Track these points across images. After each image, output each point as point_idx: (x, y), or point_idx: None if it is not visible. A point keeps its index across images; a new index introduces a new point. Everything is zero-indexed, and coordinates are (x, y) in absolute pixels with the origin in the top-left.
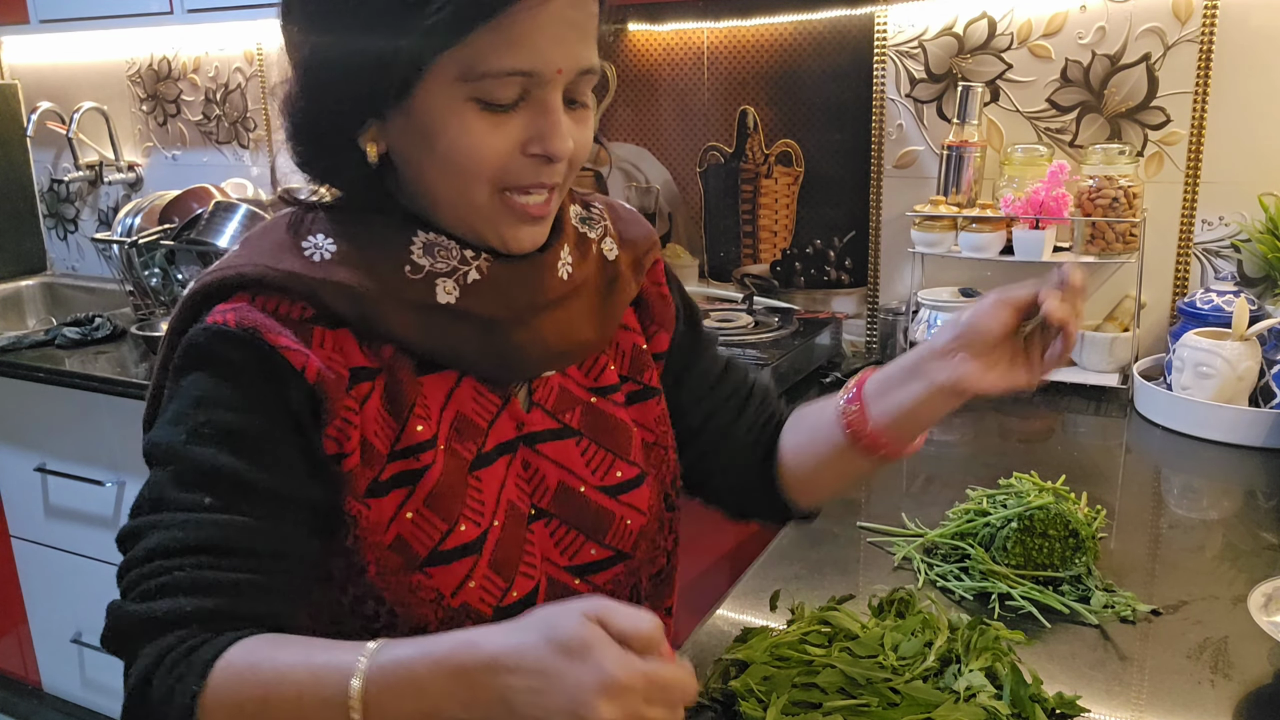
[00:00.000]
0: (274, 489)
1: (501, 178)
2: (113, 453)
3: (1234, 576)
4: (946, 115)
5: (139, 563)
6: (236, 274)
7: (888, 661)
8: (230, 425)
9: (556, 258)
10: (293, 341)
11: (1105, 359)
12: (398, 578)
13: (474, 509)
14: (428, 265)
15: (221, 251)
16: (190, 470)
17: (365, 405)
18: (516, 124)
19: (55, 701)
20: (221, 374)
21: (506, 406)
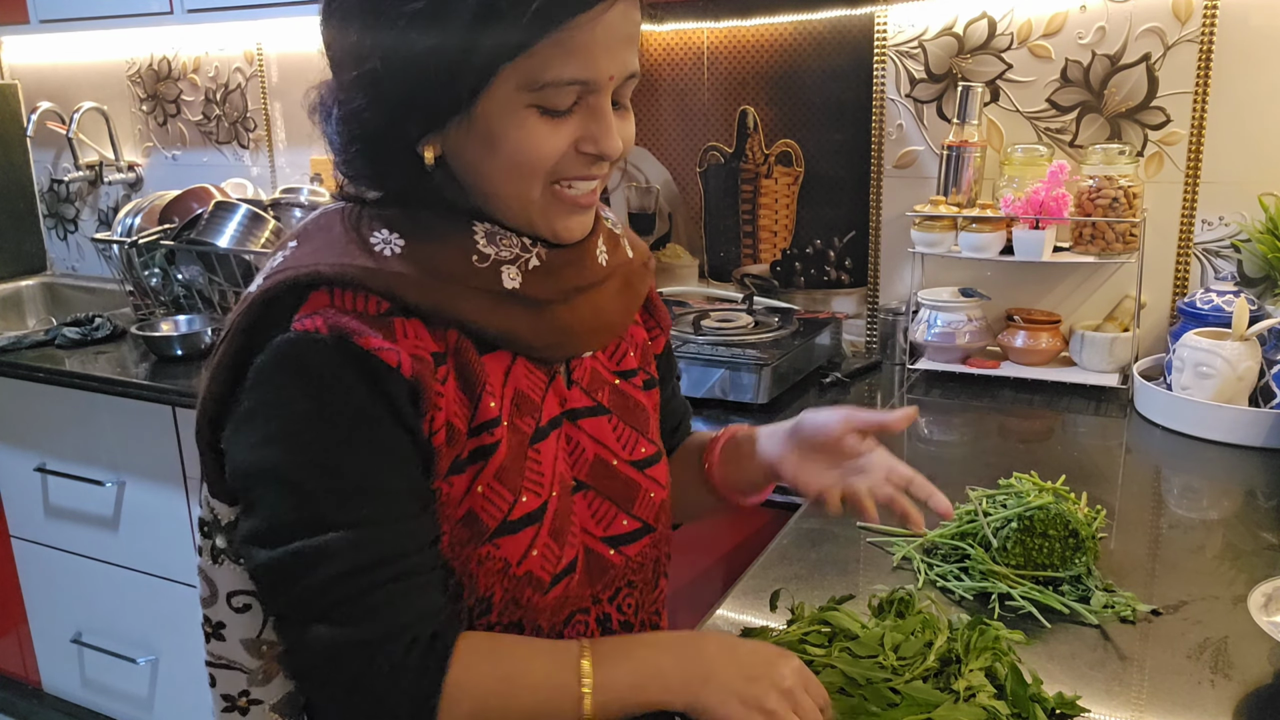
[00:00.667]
0: (407, 486)
1: (555, 173)
2: (113, 453)
3: (1234, 576)
4: (946, 115)
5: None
6: (313, 272)
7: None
8: (352, 436)
9: (595, 244)
10: (383, 341)
11: (1105, 359)
12: (466, 550)
13: (534, 480)
14: (493, 254)
15: (221, 252)
16: (326, 490)
17: (446, 386)
18: (572, 125)
19: (55, 701)
20: (323, 383)
21: (553, 384)
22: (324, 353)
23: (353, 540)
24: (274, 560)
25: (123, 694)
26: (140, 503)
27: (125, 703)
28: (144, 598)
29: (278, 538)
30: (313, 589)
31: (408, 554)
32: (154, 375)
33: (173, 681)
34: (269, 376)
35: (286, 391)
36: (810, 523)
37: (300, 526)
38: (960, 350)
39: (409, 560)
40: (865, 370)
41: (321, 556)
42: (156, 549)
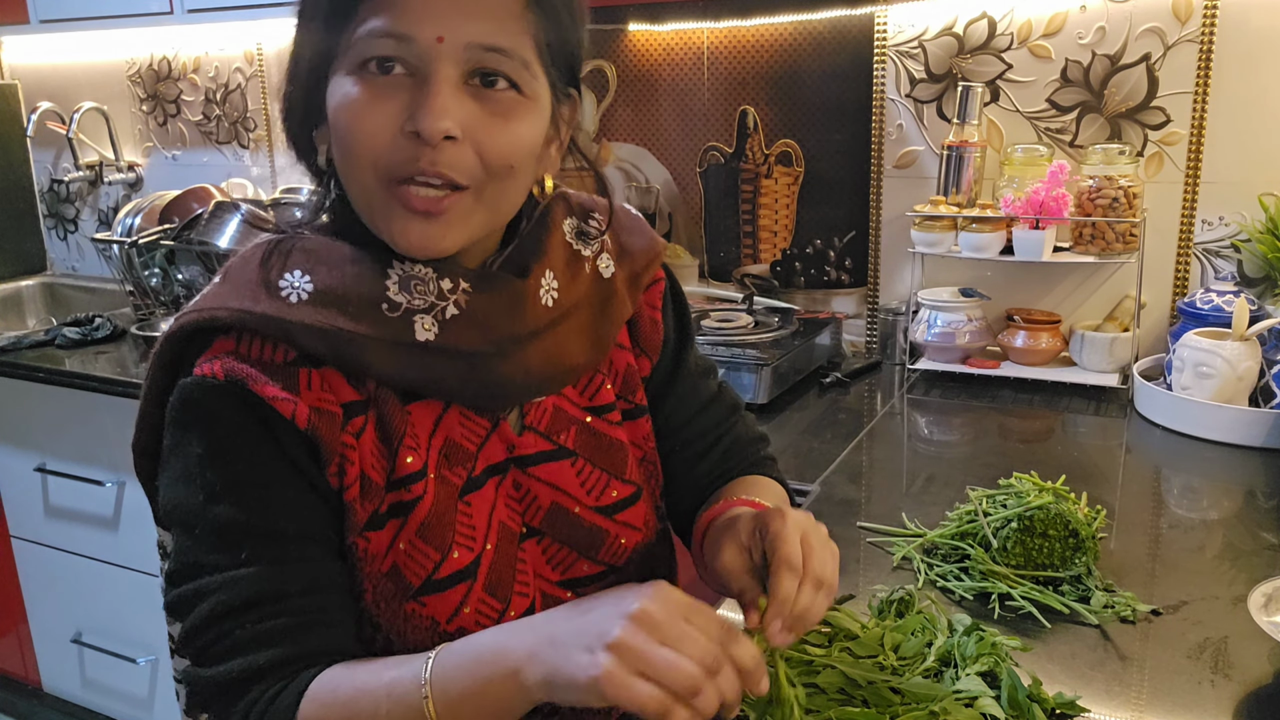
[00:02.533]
0: (296, 531)
1: (385, 163)
2: (113, 453)
3: (1234, 576)
4: (946, 115)
5: (200, 631)
6: (211, 318)
7: (888, 661)
8: (237, 479)
9: (539, 284)
10: (279, 390)
11: (1105, 359)
12: (391, 606)
13: (465, 534)
14: (404, 302)
15: (222, 252)
16: (215, 531)
17: (361, 439)
18: (399, 101)
19: (55, 701)
20: (217, 426)
21: (496, 430)
22: (219, 398)
23: (223, 582)
24: (169, 602)
25: (123, 694)
26: (140, 503)
27: (125, 703)
28: (144, 598)
29: (174, 579)
30: (189, 631)
31: (284, 596)
32: None
33: (172, 681)
34: (175, 418)
35: (186, 434)
36: None
37: (187, 569)
38: (960, 350)
39: (282, 604)
40: (865, 370)
41: (197, 599)
42: (156, 549)
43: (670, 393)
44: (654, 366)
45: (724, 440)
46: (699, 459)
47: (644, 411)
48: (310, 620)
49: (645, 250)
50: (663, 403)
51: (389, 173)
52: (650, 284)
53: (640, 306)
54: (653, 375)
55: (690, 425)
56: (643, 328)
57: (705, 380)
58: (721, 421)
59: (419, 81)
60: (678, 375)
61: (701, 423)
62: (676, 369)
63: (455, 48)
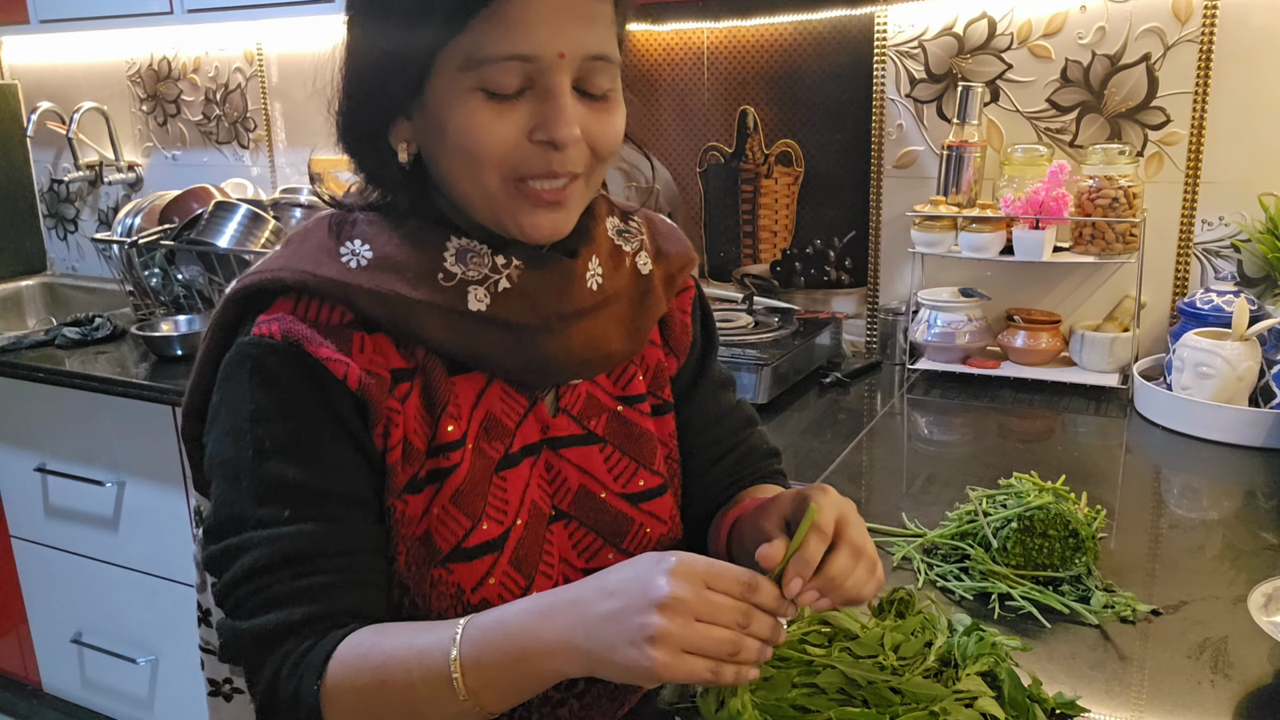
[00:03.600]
0: (341, 491)
1: (511, 166)
2: (113, 453)
3: (1234, 576)
4: (946, 115)
5: (240, 583)
6: (275, 279)
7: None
8: (289, 437)
9: (585, 268)
10: (333, 352)
11: (1105, 359)
12: (421, 570)
13: (498, 508)
14: (460, 273)
15: (222, 252)
16: (262, 486)
17: (406, 404)
18: (523, 111)
19: (55, 701)
20: (272, 386)
21: (533, 409)
22: (275, 356)
23: (265, 538)
24: (209, 555)
25: (123, 694)
26: (140, 503)
27: (125, 703)
28: (144, 598)
29: (216, 532)
30: (228, 583)
31: (324, 555)
32: (154, 375)
33: (173, 681)
34: (229, 374)
35: (239, 390)
36: None
37: (231, 523)
38: (960, 350)
39: (322, 561)
40: (865, 370)
41: (239, 553)
42: (156, 549)
43: (691, 398)
44: (680, 368)
45: (738, 449)
46: (712, 465)
47: (671, 408)
48: (347, 580)
49: (680, 255)
50: (683, 407)
51: (515, 173)
52: (681, 290)
53: (672, 309)
54: (678, 376)
55: (706, 432)
56: (674, 329)
57: (725, 391)
58: (737, 432)
59: (540, 93)
60: (700, 382)
61: (717, 431)
62: (700, 376)
63: (574, 60)
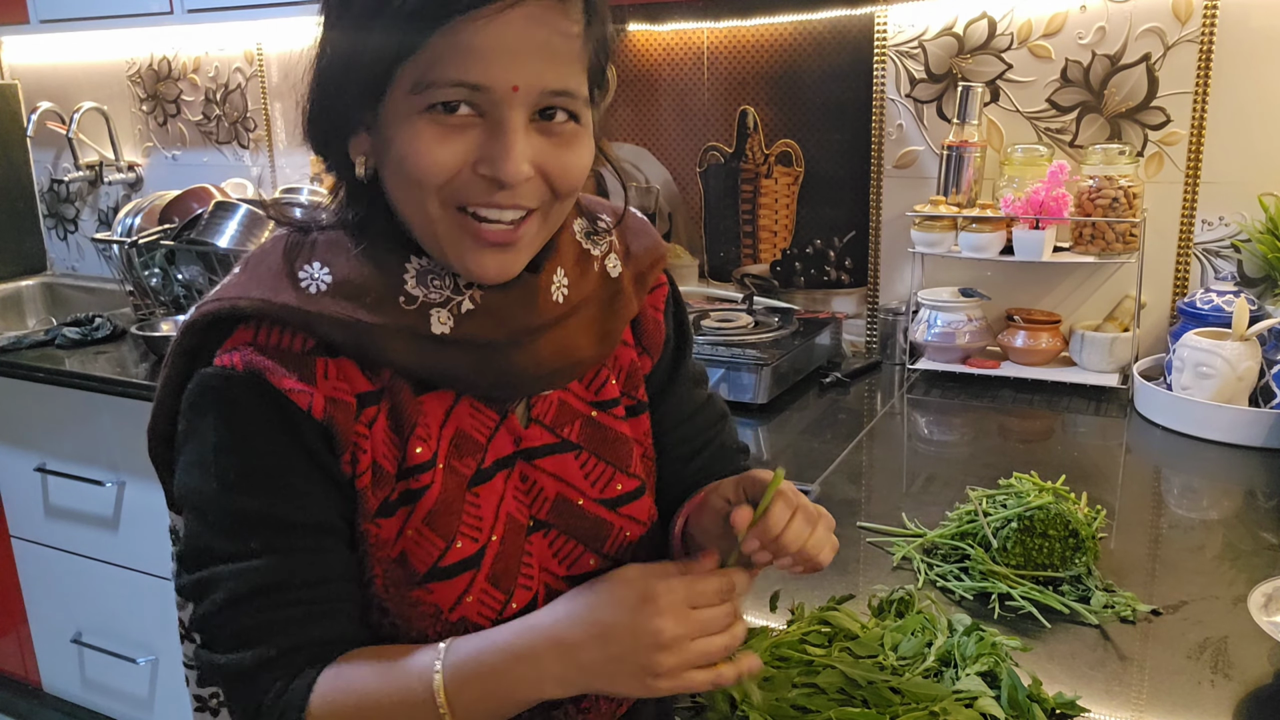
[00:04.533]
0: (308, 521)
1: (452, 193)
2: (113, 453)
3: (1234, 576)
4: (946, 115)
5: (211, 617)
6: (232, 307)
7: (888, 661)
8: (253, 469)
9: (550, 281)
10: (296, 382)
11: (1105, 359)
12: (400, 591)
13: (471, 525)
14: (421, 295)
15: (222, 252)
16: (228, 519)
17: (373, 428)
18: (470, 140)
19: (55, 701)
20: (236, 418)
21: (504, 423)
22: (237, 389)
23: (235, 571)
24: (182, 584)
25: (123, 694)
26: (140, 503)
27: (125, 703)
28: (144, 598)
29: (188, 562)
30: (200, 617)
31: (291, 586)
32: (154, 375)
33: (173, 681)
34: (193, 405)
35: (204, 422)
36: None
37: (200, 555)
38: (960, 350)
39: (294, 592)
40: (865, 370)
41: (210, 586)
42: (156, 549)
43: (665, 397)
44: (654, 366)
45: (710, 447)
46: (685, 463)
47: (645, 408)
48: (319, 610)
49: (650, 251)
50: (657, 405)
51: (456, 200)
52: (654, 287)
53: (644, 307)
54: (652, 374)
55: (678, 430)
56: (646, 327)
57: (698, 388)
58: (708, 428)
59: (491, 125)
60: (674, 380)
61: (689, 429)
62: (674, 373)
63: (529, 95)
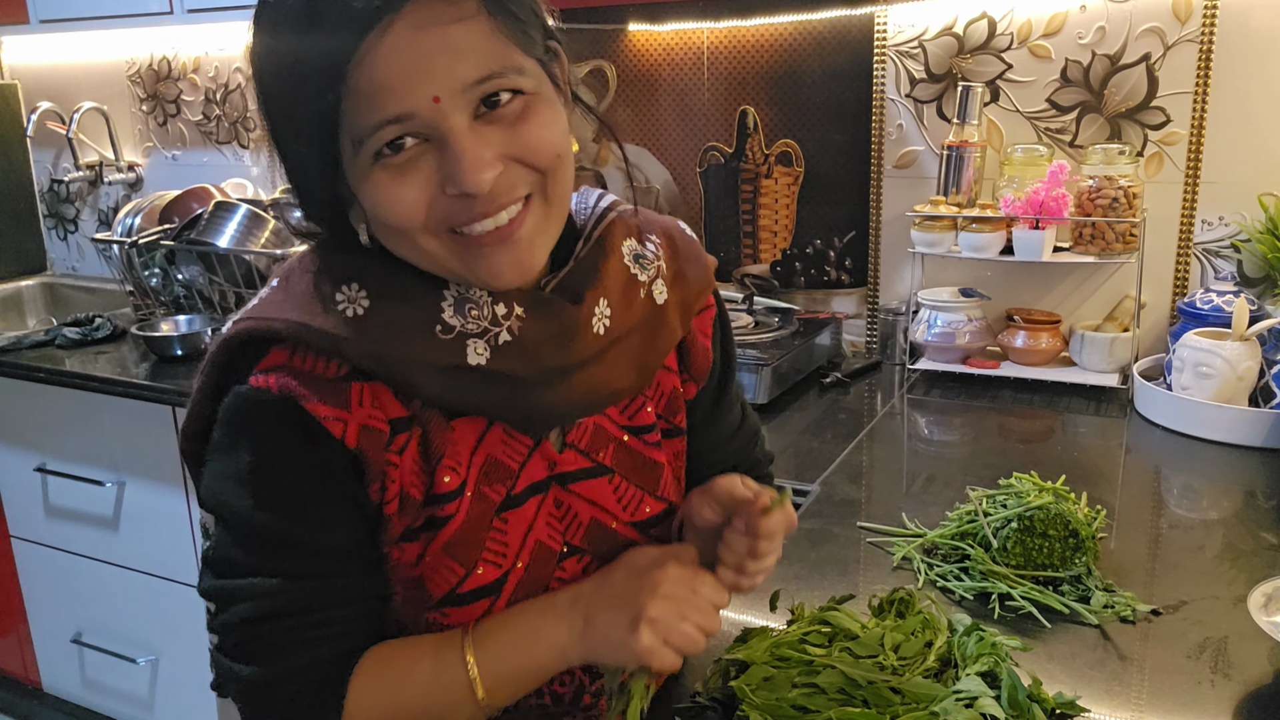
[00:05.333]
0: (333, 548)
1: (436, 221)
2: (113, 453)
3: (1234, 576)
4: (946, 115)
5: (235, 629)
6: (270, 329)
7: (888, 661)
8: (283, 493)
9: (591, 312)
10: (330, 409)
11: (1105, 359)
12: (416, 611)
13: (496, 551)
14: (459, 326)
15: (221, 252)
16: (256, 538)
17: (403, 456)
18: (426, 169)
19: (55, 701)
20: (268, 441)
21: (538, 448)
22: (271, 411)
23: (266, 589)
24: (208, 588)
25: (123, 694)
26: (140, 503)
27: (125, 703)
28: (144, 598)
29: (215, 568)
30: (226, 624)
31: (315, 609)
32: (154, 375)
33: (173, 681)
34: (227, 420)
35: (238, 440)
36: (810, 523)
37: (231, 564)
38: (960, 350)
39: (315, 615)
40: (865, 370)
41: (238, 597)
42: (156, 549)
43: (711, 421)
44: (699, 391)
45: (744, 464)
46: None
47: (683, 432)
48: (338, 631)
49: (699, 278)
50: (702, 430)
51: (445, 227)
52: (701, 309)
53: (693, 333)
54: (697, 400)
55: (718, 450)
56: (694, 354)
57: (739, 406)
58: (744, 448)
59: (437, 144)
60: (719, 404)
61: (728, 449)
62: (720, 399)
63: (453, 97)
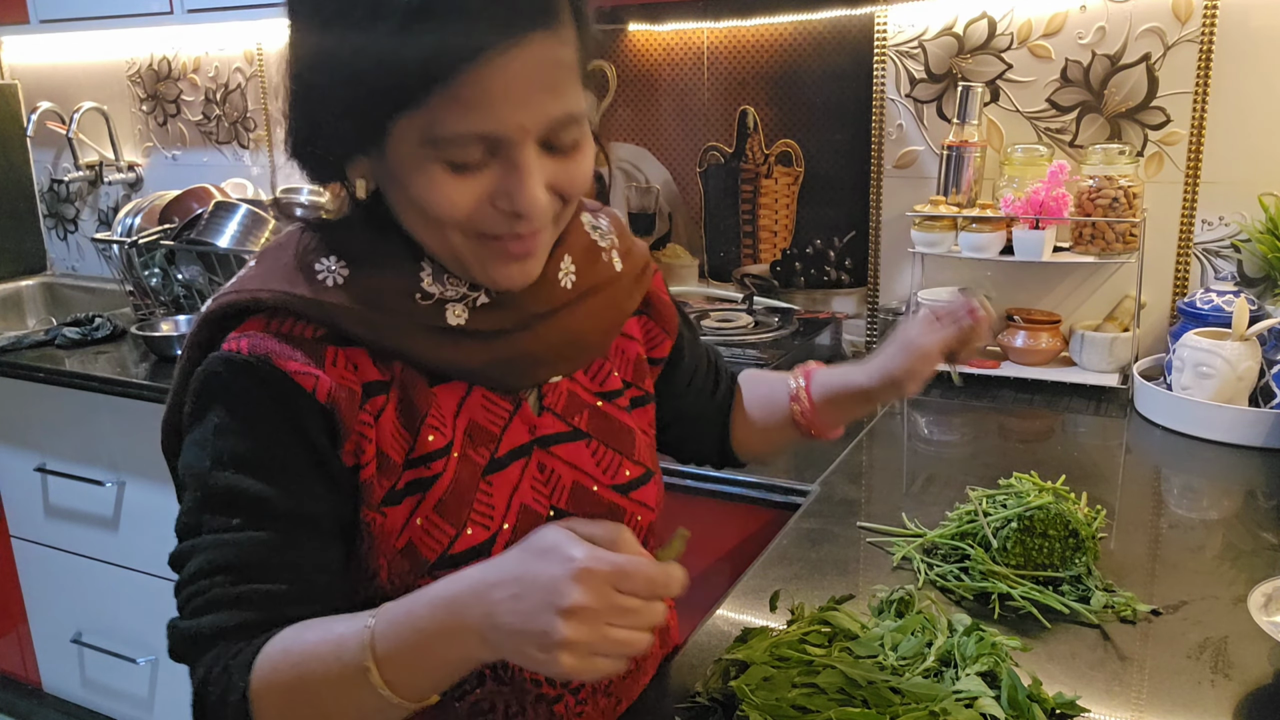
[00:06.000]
0: (293, 508)
1: (473, 226)
2: (113, 453)
3: (1234, 576)
4: (946, 115)
5: (185, 584)
6: (251, 298)
7: (888, 661)
8: (247, 452)
9: (557, 269)
10: (301, 365)
11: (1105, 359)
12: (406, 581)
13: (483, 513)
14: (437, 293)
15: (222, 252)
16: (216, 496)
17: (380, 418)
18: (486, 178)
19: (55, 701)
20: (236, 401)
21: (518, 411)
22: (241, 372)
23: (212, 543)
24: (171, 555)
25: (123, 694)
26: (140, 503)
27: (125, 703)
28: (144, 598)
29: (179, 535)
30: (177, 584)
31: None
32: (154, 375)
33: (173, 681)
34: (197, 389)
35: (206, 404)
36: (810, 523)
37: (187, 529)
38: None
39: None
40: None
41: (190, 555)
42: (156, 549)
43: (690, 356)
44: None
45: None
46: (712, 393)
47: (651, 400)
48: (286, 593)
49: (641, 254)
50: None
51: (477, 231)
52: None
53: (652, 294)
54: (677, 350)
55: (699, 370)
56: (661, 310)
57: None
58: (716, 361)
59: (504, 163)
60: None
61: (705, 366)
62: (693, 333)
63: (537, 130)
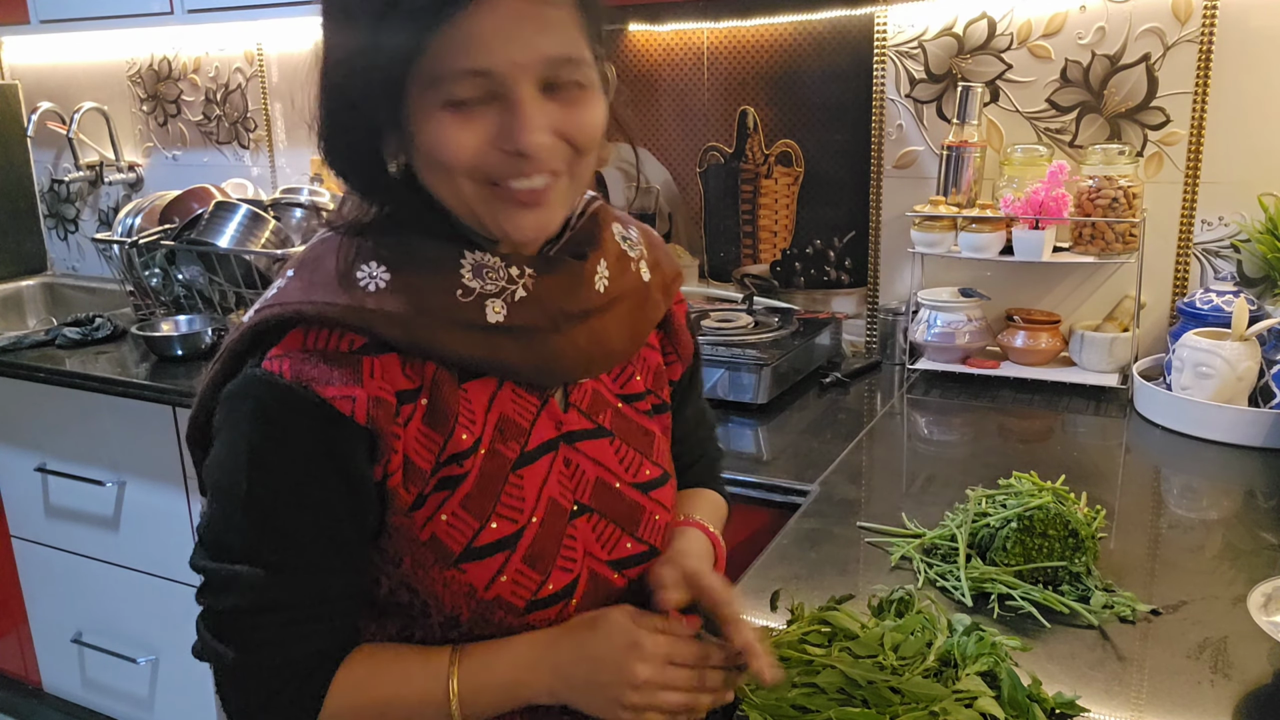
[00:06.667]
0: (326, 538)
1: (482, 172)
2: (113, 453)
3: (1234, 576)
4: (946, 115)
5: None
6: (295, 312)
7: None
8: (282, 485)
9: (594, 270)
10: (340, 388)
11: (1105, 359)
12: (430, 573)
13: (511, 506)
14: (478, 288)
15: (222, 252)
16: (252, 527)
17: (407, 427)
18: (488, 120)
19: (55, 701)
20: (273, 429)
21: (545, 407)
22: (280, 396)
23: (255, 582)
24: (198, 565)
25: (123, 694)
26: (140, 503)
27: (125, 703)
28: (144, 598)
29: (209, 548)
30: (215, 609)
31: (302, 605)
32: (154, 375)
33: (173, 681)
34: (233, 403)
35: (242, 423)
36: (810, 523)
37: (222, 548)
38: (960, 350)
39: (301, 611)
40: (865, 370)
41: (229, 585)
42: (156, 549)
43: (685, 405)
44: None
45: (704, 459)
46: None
47: (668, 408)
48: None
49: (672, 266)
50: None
51: (487, 178)
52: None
53: (674, 315)
54: (679, 381)
55: (687, 438)
56: (679, 336)
57: (703, 399)
58: (706, 440)
59: (504, 103)
60: (693, 388)
61: (694, 439)
62: (691, 386)
63: (532, 67)
